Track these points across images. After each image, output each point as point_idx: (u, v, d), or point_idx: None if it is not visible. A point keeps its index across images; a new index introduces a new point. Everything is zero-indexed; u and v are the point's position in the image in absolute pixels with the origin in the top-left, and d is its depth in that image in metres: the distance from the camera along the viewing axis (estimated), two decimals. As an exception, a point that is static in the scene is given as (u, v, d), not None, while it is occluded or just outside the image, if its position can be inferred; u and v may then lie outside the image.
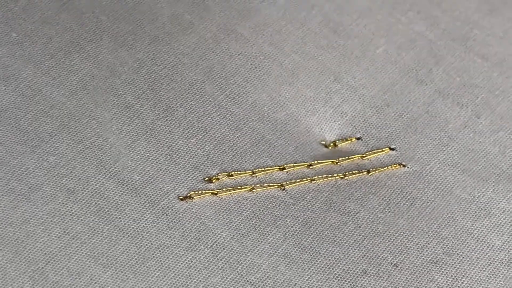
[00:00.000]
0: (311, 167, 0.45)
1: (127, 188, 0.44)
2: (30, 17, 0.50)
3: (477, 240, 0.43)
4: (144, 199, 0.44)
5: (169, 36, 0.49)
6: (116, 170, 0.45)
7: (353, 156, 0.45)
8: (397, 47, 0.49)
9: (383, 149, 0.46)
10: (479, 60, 0.49)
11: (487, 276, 0.42)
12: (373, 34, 0.50)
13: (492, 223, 0.43)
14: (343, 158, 0.45)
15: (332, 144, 0.46)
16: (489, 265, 0.42)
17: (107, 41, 0.49)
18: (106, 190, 0.44)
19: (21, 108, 0.47)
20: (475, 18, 0.50)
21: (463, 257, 0.42)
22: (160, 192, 0.44)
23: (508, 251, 0.42)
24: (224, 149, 0.46)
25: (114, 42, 0.49)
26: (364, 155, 0.45)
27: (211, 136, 0.46)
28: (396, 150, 0.46)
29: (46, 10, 0.50)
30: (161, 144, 0.46)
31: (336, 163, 0.45)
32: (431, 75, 0.48)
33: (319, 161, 0.45)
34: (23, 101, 0.47)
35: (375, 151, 0.45)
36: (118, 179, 0.44)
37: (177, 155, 0.45)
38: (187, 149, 0.46)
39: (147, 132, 0.46)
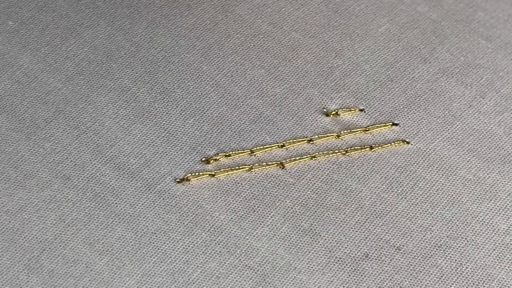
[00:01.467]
0: (311, 142, 0.44)
1: (124, 173, 0.43)
2: (26, 4, 0.50)
3: (482, 224, 0.42)
4: (140, 183, 0.43)
5: (166, 19, 0.49)
6: (112, 155, 0.44)
7: (355, 129, 0.44)
8: (399, 27, 0.48)
9: (386, 124, 0.45)
10: (483, 41, 0.48)
11: (492, 260, 0.40)
12: (374, 14, 0.49)
13: (498, 206, 0.42)
14: (345, 131, 0.44)
15: (334, 112, 0.45)
16: (494, 249, 0.41)
17: (103, 26, 0.49)
18: (102, 175, 0.43)
19: (17, 95, 0.46)
20: (478, 1, 0.49)
21: (468, 241, 0.41)
22: (156, 176, 0.43)
23: (515, 234, 0.41)
24: (222, 129, 0.45)
25: (111, 27, 0.49)
26: (367, 129, 0.44)
27: (208, 116, 0.45)
28: (400, 126, 0.45)
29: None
30: (158, 126, 0.45)
31: (338, 136, 0.44)
32: (435, 54, 0.47)
33: (320, 135, 0.44)
34: (19, 88, 0.46)
35: (378, 124, 0.44)
36: (114, 163, 0.44)
37: (174, 137, 0.45)
38: (184, 130, 0.45)
39: (143, 115, 0.45)
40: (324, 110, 0.45)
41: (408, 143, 0.44)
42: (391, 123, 0.45)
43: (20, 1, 0.50)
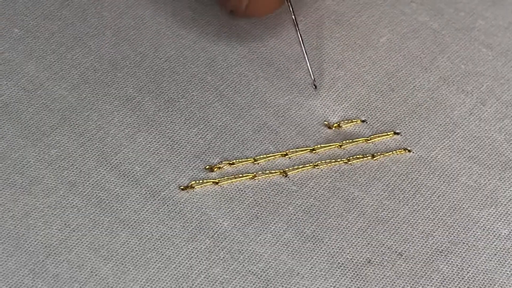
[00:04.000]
0: (314, 151, 0.44)
1: (128, 180, 0.44)
2: (32, 13, 0.50)
3: (483, 229, 0.42)
4: (145, 190, 0.44)
5: (171, 30, 0.49)
6: (117, 162, 0.44)
7: (357, 139, 0.45)
8: (400, 37, 0.49)
9: (388, 133, 0.45)
10: (483, 49, 0.48)
11: (493, 265, 0.41)
12: (376, 24, 0.49)
13: (499, 212, 0.43)
14: (347, 141, 0.45)
15: (336, 124, 0.45)
16: (495, 254, 0.41)
17: (109, 36, 0.49)
18: (107, 182, 0.44)
19: (23, 102, 0.47)
20: (478, 10, 0.50)
21: (469, 246, 0.42)
22: (161, 183, 0.44)
23: (515, 240, 0.42)
24: (226, 138, 0.45)
25: (116, 36, 0.49)
26: (369, 138, 0.45)
27: (212, 125, 0.46)
28: (401, 135, 0.45)
29: (48, 6, 0.50)
30: (162, 134, 0.46)
31: (340, 146, 0.44)
32: (436, 63, 0.48)
33: (322, 145, 0.44)
34: (25, 95, 0.47)
35: (380, 134, 0.45)
36: (119, 170, 0.44)
37: (178, 145, 0.45)
38: (188, 139, 0.45)
39: (148, 123, 0.46)
40: (326, 123, 0.45)
41: (409, 151, 0.45)
42: (392, 132, 0.45)
43: (26, 9, 0.50)
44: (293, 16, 0.43)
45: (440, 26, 0.49)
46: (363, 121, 0.46)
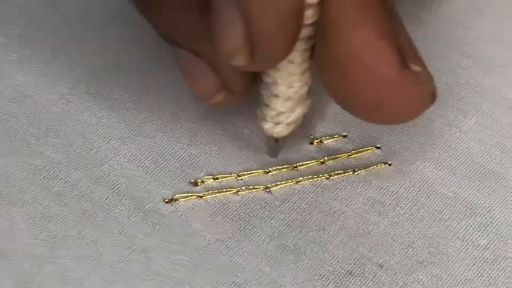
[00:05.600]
0: (296, 169, 0.45)
1: (113, 191, 0.44)
2: (17, 21, 0.50)
3: (462, 240, 0.43)
4: (129, 202, 0.44)
5: (159, 42, 0.49)
6: (102, 174, 0.45)
7: (339, 155, 0.45)
8: (383, 48, 0.49)
9: (369, 148, 0.46)
10: (465, 60, 0.49)
11: (472, 275, 0.42)
12: (358, 35, 0.49)
13: (477, 222, 0.43)
14: (329, 157, 0.45)
15: (318, 141, 0.46)
16: (474, 264, 0.42)
17: (96, 45, 0.49)
18: (92, 193, 0.44)
19: (9, 112, 0.47)
20: (460, 20, 0.50)
21: (449, 257, 0.42)
22: (145, 195, 0.44)
23: (493, 250, 0.42)
24: (210, 153, 0.46)
25: (103, 46, 0.49)
26: (350, 154, 0.45)
27: (197, 141, 0.46)
28: (382, 149, 0.46)
29: (34, 14, 0.50)
30: (147, 148, 0.46)
31: (322, 163, 0.45)
32: (417, 75, 0.48)
33: (304, 163, 0.45)
34: (10, 105, 0.47)
35: (361, 149, 0.45)
36: (104, 182, 0.44)
37: (163, 159, 0.46)
38: (173, 153, 0.46)
39: (133, 136, 0.46)
40: (311, 136, 0.46)
41: (390, 165, 0.45)
42: (373, 147, 0.46)
43: (12, 17, 0.50)
44: None
45: (421, 37, 0.49)
46: (344, 136, 0.46)
